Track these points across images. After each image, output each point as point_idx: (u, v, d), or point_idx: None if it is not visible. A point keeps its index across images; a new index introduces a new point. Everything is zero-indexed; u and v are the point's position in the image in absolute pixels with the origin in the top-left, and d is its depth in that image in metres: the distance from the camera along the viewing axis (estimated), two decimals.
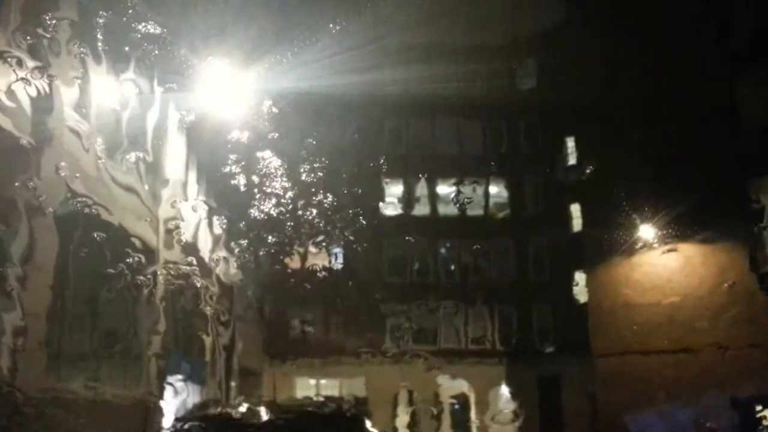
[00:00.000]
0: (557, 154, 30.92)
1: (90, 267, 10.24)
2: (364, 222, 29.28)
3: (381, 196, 32.02)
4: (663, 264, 23.11)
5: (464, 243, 31.74)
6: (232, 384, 18.56)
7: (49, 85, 8.48)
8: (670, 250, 22.82)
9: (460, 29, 29.90)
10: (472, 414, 30.88)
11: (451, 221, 31.80)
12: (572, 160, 30.47)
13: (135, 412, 11.31)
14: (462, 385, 30.64)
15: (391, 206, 32.19)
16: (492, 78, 32.10)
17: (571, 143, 30.46)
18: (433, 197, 32.07)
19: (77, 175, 9.31)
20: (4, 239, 7.71)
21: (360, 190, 30.15)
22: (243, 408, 6.03)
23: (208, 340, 16.44)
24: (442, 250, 32.20)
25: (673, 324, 22.11)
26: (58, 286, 8.62)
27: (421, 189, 32.15)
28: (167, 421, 11.08)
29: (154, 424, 11.57)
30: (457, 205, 32.07)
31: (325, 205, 27.99)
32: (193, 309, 15.61)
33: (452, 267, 32.01)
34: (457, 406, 32.59)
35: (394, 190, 32.47)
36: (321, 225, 19.47)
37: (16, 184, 8.00)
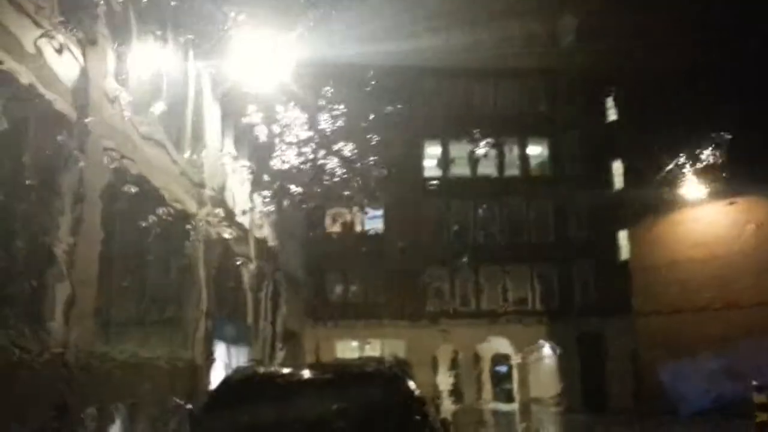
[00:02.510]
0: (597, 111, 30.25)
1: (136, 231, 10.55)
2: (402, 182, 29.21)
3: (421, 158, 31.91)
4: (707, 220, 22.68)
5: (504, 203, 31.54)
6: (277, 345, 19.03)
7: (87, 54, 8.62)
8: (714, 207, 22.37)
9: None
10: (514, 374, 31.09)
11: (490, 181, 31.57)
12: (612, 116, 29.84)
13: (184, 373, 11.73)
14: (504, 346, 30.78)
15: (430, 167, 32.08)
16: (529, 37, 31.44)
17: (610, 101, 29.78)
18: (473, 157, 31.79)
19: (118, 142, 9.53)
20: (52, 212, 7.97)
21: (399, 153, 30.12)
22: (286, 369, 6.19)
23: (250, 303, 16.83)
24: (481, 211, 32.04)
25: (718, 281, 21.77)
26: (104, 254, 8.89)
27: (459, 150, 31.91)
28: (214, 381, 11.47)
29: (201, 384, 11.99)
30: (496, 165, 31.80)
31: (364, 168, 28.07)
32: (234, 271, 15.96)
33: (492, 228, 31.84)
34: (498, 367, 32.85)
35: (431, 150, 32.30)
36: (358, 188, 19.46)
37: (61, 156, 8.21)
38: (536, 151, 32.61)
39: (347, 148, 17.81)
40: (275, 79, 14.11)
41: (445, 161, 32.08)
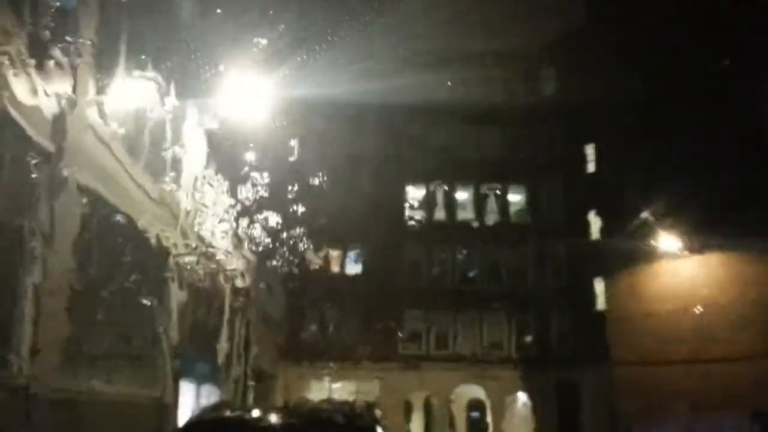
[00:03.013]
0: (577, 160, 30.73)
1: (108, 265, 10.39)
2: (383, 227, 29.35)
3: (401, 202, 32.03)
4: (685, 273, 22.84)
5: (483, 249, 31.65)
6: (248, 384, 18.68)
7: (71, 88, 8.60)
8: (692, 260, 22.56)
9: (479, 35, 29.89)
10: (489, 420, 30.72)
11: (470, 227, 31.72)
12: (591, 168, 30.28)
13: (151, 411, 11.45)
14: (478, 392, 30.49)
15: (410, 211, 32.20)
16: (511, 83, 32.06)
17: (590, 150, 30.28)
18: (452, 203, 32.02)
19: (97, 175, 9.45)
20: (21, 243, 7.84)
21: (379, 195, 30.27)
22: (254, 412, 6.07)
23: (224, 342, 16.56)
24: (460, 256, 32.13)
25: (695, 334, 21.84)
26: (74, 287, 8.74)
27: (440, 194, 32.13)
28: (181, 421, 11.20)
29: (168, 424, 11.69)
30: (476, 211, 32.01)
31: (343, 208, 28.13)
32: (207, 308, 15.75)
33: (470, 273, 31.92)
34: (473, 413, 32.44)
35: (414, 194, 32.48)
36: (337, 229, 19.53)
37: (37, 186, 8.13)
38: (516, 198, 32.90)
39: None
40: (260, 116, 14.21)
41: (425, 205, 32.23)
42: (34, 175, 8.07)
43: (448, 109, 30.87)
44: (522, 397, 30.13)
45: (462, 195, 32.39)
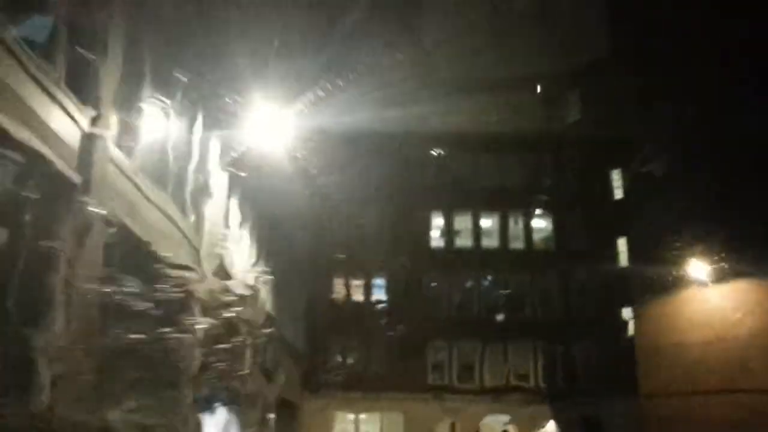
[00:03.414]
0: (603, 187, 30.47)
1: (130, 300, 10.48)
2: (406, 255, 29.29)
3: (425, 230, 31.94)
4: (714, 301, 22.37)
5: (508, 277, 31.38)
6: (270, 416, 18.61)
7: (93, 121, 8.79)
8: (721, 287, 22.10)
9: (501, 63, 30.04)
10: None
11: (494, 255, 31.47)
12: (618, 194, 29.98)
13: None
14: (505, 423, 29.96)
15: (434, 239, 32.10)
16: (535, 110, 32.05)
17: (616, 176, 30.02)
18: (476, 230, 31.86)
19: (121, 208, 9.60)
20: (47, 275, 7.95)
21: (403, 224, 30.29)
22: None
23: (246, 371, 16.55)
24: (485, 284, 31.86)
25: (725, 363, 21.30)
26: (98, 318, 8.83)
27: (464, 222, 32.00)
28: None
29: None
30: (501, 239, 31.80)
31: (367, 238, 28.16)
32: (229, 337, 15.77)
33: (496, 302, 31.58)
34: None
35: (438, 222, 32.41)
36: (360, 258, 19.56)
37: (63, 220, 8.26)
38: (541, 224, 32.64)
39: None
40: (283, 147, 14.37)
41: (449, 232, 32.11)
42: (60, 207, 8.21)
43: (472, 137, 30.89)
44: (550, 429, 29.49)
45: (486, 222, 32.20)
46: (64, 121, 8.24)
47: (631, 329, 27.24)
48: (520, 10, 30.84)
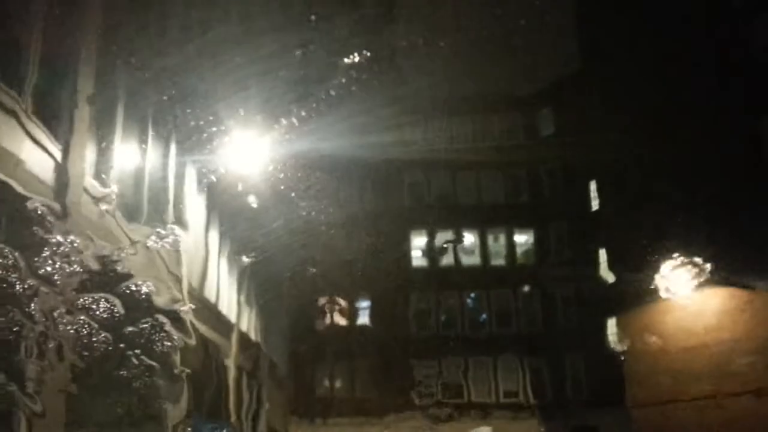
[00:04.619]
0: (581, 199, 30.70)
1: (111, 329, 10.28)
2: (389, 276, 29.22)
3: (406, 250, 31.92)
4: (696, 308, 22.50)
5: (491, 293, 31.39)
6: None
7: (65, 151, 8.67)
8: (703, 294, 22.25)
9: (478, 83, 30.40)
10: None
11: (476, 272, 31.51)
12: (596, 206, 30.21)
13: None
14: None
15: (415, 259, 32.08)
16: (510, 127, 32.38)
17: (594, 188, 30.27)
18: (457, 248, 31.90)
19: (98, 239, 9.46)
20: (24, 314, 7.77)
21: (383, 245, 30.21)
22: None
23: (232, 400, 16.30)
24: (468, 301, 31.84)
25: (711, 369, 21.39)
26: (78, 353, 8.65)
27: (445, 240, 32.04)
28: None
29: None
30: (482, 255, 31.87)
31: (349, 259, 28.05)
32: (214, 367, 15.54)
33: (480, 318, 31.56)
34: None
35: (418, 242, 32.41)
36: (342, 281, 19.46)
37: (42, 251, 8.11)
38: (522, 239, 32.77)
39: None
40: (260, 172, 14.31)
41: (431, 252, 32.11)
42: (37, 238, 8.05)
43: (448, 156, 31.10)
44: None
45: (467, 240, 32.28)
46: (37, 154, 8.13)
47: (616, 339, 27.28)
48: (492, 35, 31.33)
